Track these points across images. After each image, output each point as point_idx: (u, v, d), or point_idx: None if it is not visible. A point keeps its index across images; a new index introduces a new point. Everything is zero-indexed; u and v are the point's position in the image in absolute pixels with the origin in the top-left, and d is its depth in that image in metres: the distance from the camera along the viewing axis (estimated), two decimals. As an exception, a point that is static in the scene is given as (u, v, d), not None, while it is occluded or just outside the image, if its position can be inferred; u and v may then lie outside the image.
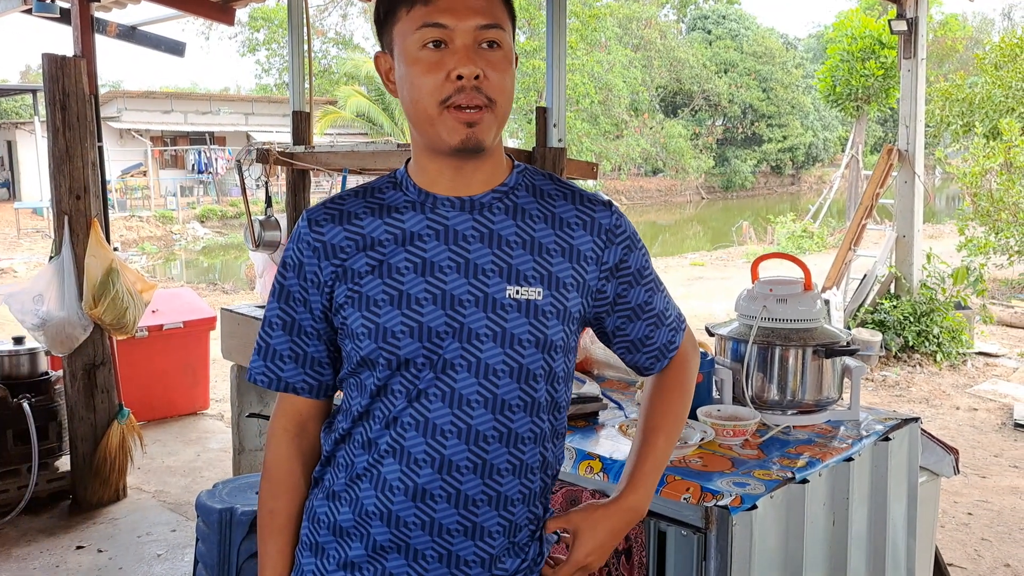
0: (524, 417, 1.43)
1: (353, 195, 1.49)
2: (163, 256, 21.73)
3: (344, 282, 1.43)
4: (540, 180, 1.51)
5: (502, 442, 1.41)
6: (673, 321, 1.62)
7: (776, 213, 21.71)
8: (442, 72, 1.34)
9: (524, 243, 1.43)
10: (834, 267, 8.36)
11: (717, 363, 2.59)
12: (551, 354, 1.43)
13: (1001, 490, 5.00)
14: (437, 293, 1.39)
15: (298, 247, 1.47)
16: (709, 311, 10.62)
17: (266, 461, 1.57)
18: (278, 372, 1.52)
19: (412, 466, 1.40)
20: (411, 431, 1.40)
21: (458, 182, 1.44)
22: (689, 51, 38.32)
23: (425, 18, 1.35)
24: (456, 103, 1.34)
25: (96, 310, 4.43)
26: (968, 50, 30.33)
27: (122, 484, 4.78)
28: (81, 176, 4.44)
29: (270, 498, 1.56)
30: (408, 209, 1.44)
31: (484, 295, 1.39)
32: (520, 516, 1.47)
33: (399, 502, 1.41)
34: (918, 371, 7.60)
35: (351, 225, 1.45)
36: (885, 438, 2.40)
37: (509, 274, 1.40)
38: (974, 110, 14.32)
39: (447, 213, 1.43)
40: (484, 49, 1.36)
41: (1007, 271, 11.99)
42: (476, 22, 1.35)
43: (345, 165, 4.53)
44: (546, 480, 1.51)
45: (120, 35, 5.27)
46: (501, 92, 1.37)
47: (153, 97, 30.63)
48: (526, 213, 1.45)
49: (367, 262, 1.42)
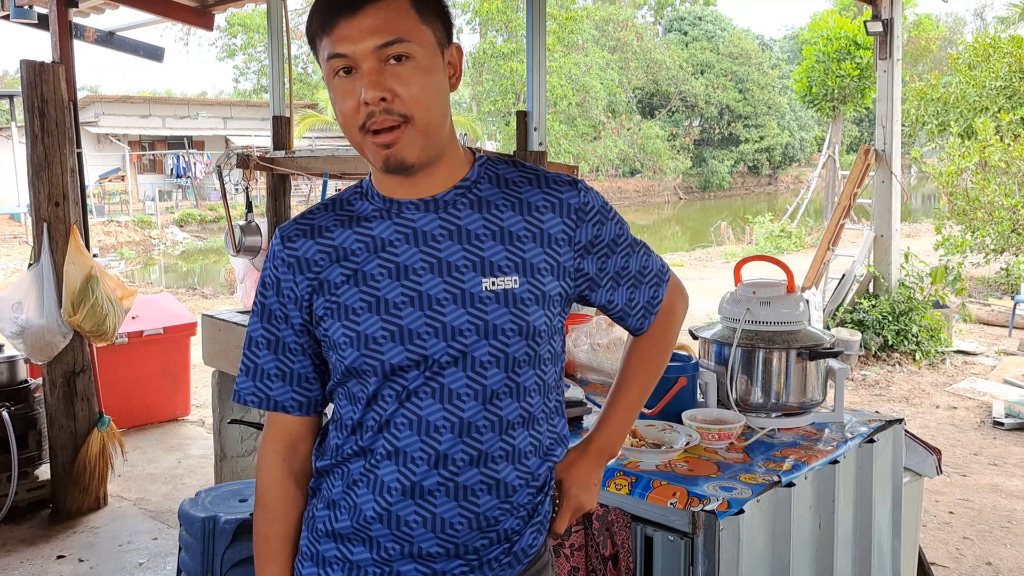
0: (512, 403, 1.44)
1: (323, 209, 1.51)
2: (142, 261, 21.59)
3: (321, 294, 1.44)
4: (504, 169, 1.51)
5: (494, 431, 1.42)
6: (654, 276, 1.64)
7: (754, 213, 21.82)
8: (353, 99, 1.35)
9: (494, 234, 1.43)
10: (813, 267, 8.41)
11: (701, 366, 2.60)
12: (535, 340, 1.44)
13: (981, 488, 5.04)
14: (414, 295, 1.40)
15: (274, 264, 1.49)
16: (690, 312, 10.60)
17: (258, 486, 1.57)
18: (267, 391, 1.52)
19: (408, 465, 1.41)
20: (405, 431, 1.41)
21: (417, 187, 1.45)
22: (666, 53, 38.47)
23: (328, 48, 1.36)
24: (370, 127, 1.35)
25: (75, 317, 4.39)
26: (942, 50, 30.62)
27: (103, 492, 4.74)
28: (60, 183, 4.40)
29: (264, 524, 1.56)
30: (376, 217, 1.45)
31: (461, 291, 1.40)
32: (522, 498, 1.48)
33: (397, 502, 1.42)
34: (897, 370, 7.65)
35: (322, 238, 1.46)
36: (870, 440, 2.42)
37: (483, 267, 1.41)
38: (949, 109, 14.43)
39: (413, 216, 1.44)
40: (392, 65, 1.35)
41: (983, 269, 12.09)
42: (373, 43, 1.33)
43: (325, 170, 4.52)
44: (547, 461, 1.52)
45: (98, 40, 5.23)
46: (417, 105, 1.35)
47: (131, 101, 30.42)
48: (491, 204, 1.45)
49: (341, 272, 1.43)
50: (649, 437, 2.32)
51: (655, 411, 2.48)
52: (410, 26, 1.36)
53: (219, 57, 38.98)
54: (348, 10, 1.34)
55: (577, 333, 3.07)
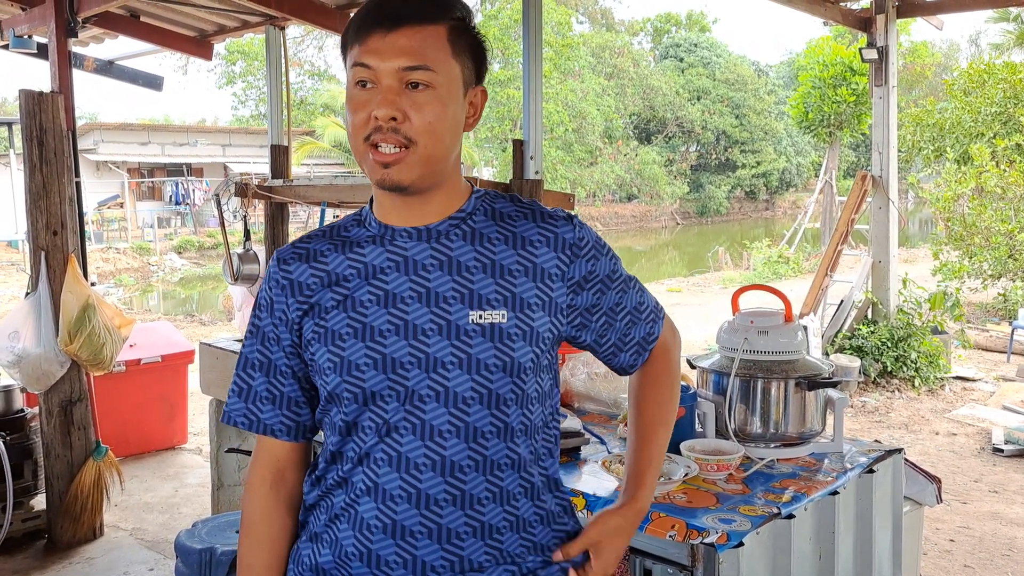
0: (499, 443, 1.41)
1: (320, 234, 1.52)
2: (140, 288, 21.56)
3: (311, 318, 1.45)
4: (500, 204, 1.50)
5: (479, 471, 1.40)
6: (650, 313, 1.62)
7: (751, 238, 21.87)
8: (366, 111, 1.36)
9: (485, 267, 1.42)
10: (811, 293, 8.41)
11: (699, 396, 2.59)
12: (520, 377, 1.41)
13: (982, 516, 5.02)
14: (400, 324, 1.39)
15: (268, 286, 1.50)
16: (688, 339, 10.64)
17: (243, 514, 1.55)
18: (257, 414, 1.52)
19: (388, 503, 1.39)
20: (384, 467, 1.39)
21: (411, 213, 1.45)
22: (662, 79, 38.65)
23: (356, 58, 1.38)
24: (374, 141, 1.36)
25: (72, 346, 4.38)
26: (937, 76, 30.76)
27: (98, 522, 4.71)
28: (58, 212, 4.40)
29: (247, 552, 1.54)
30: (369, 243, 1.46)
31: (447, 322, 1.39)
32: (511, 544, 1.44)
33: (378, 541, 1.39)
34: (897, 396, 7.64)
35: (316, 263, 1.47)
36: (869, 470, 2.41)
37: (471, 299, 1.40)
38: (945, 135, 14.51)
39: (405, 244, 1.44)
40: (410, 90, 1.36)
41: (981, 295, 12.10)
42: (399, 63, 1.35)
43: (323, 198, 4.53)
44: (539, 505, 1.48)
45: (98, 69, 5.25)
46: (424, 133, 1.36)
47: (130, 129, 30.51)
48: (485, 237, 1.45)
49: (332, 297, 1.44)
50: (648, 468, 2.31)
51: (654, 441, 2.46)
52: (440, 56, 1.37)
53: (218, 84, 39.21)
54: (386, 26, 1.35)
55: (574, 362, 3.06)
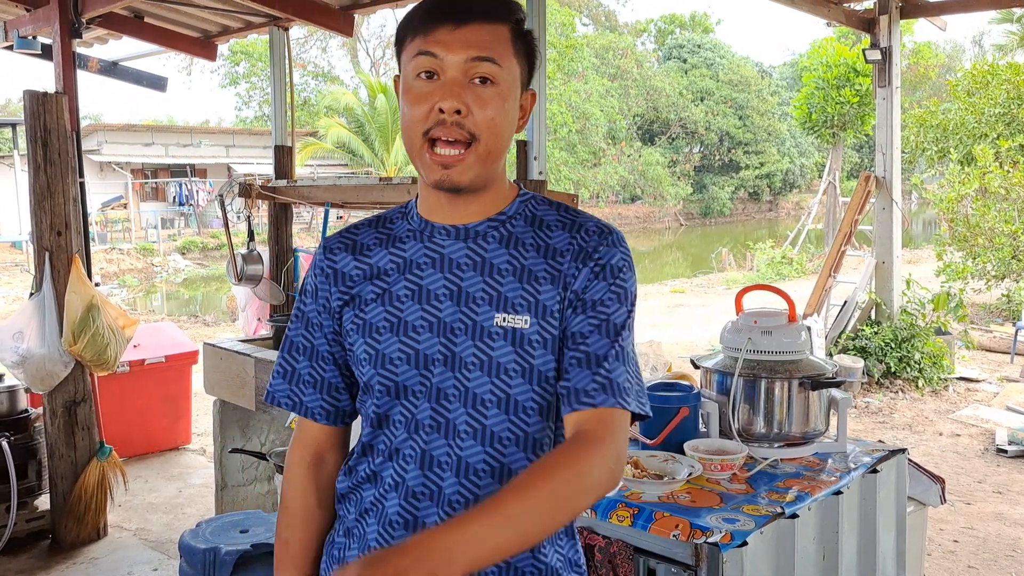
0: (517, 452, 1.40)
1: (367, 225, 1.54)
2: (144, 288, 21.58)
3: (351, 309, 1.47)
4: (543, 210, 1.47)
5: (494, 477, 1.39)
6: (610, 382, 1.35)
7: (755, 239, 21.83)
8: (428, 104, 1.35)
9: (515, 270, 1.41)
10: (814, 294, 8.40)
11: (703, 396, 2.59)
12: (542, 386, 1.39)
13: (986, 516, 5.01)
14: (433, 321, 1.40)
15: (314, 273, 1.53)
16: (691, 339, 10.64)
17: (282, 492, 1.60)
18: (300, 396, 1.55)
19: (411, 499, 1.40)
20: (411, 463, 1.41)
21: (454, 211, 1.44)
22: (665, 80, 38.64)
23: (420, 47, 1.36)
24: (435, 135, 1.34)
25: (76, 347, 4.38)
26: (941, 77, 30.76)
27: (102, 522, 4.72)
28: (62, 212, 4.41)
29: (284, 528, 1.57)
30: (410, 239, 1.47)
31: (473, 323, 1.39)
32: (521, 559, 1.42)
33: (399, 537, 1.40)
34: (900, 397, 7.63)
35: (361, 256, 1.49)
36: (873, 470, 2.41)
37: (498, 302, 1.39)
38: (948, 136, 14.49)
39: (443, 242, 1.44)
40: (475, 84, 1.35)
41: (985, 296, 12.09)
42: (467, 54, 1.34)
43: (327, 199, 4.53)
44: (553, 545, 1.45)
45: (102, 70, 5.26)
46: (487, 129, 1.35)
47: (134, 130, 30.54)
48: (520, 242, 1.43)
49: (372, 290, 1.45)
50: (651, 468, 2.31)
51: (657, 442, 2.47)
52: (504, 52, 1.37)
53: (222, 84, 39.21)
54: (455, 19, 1.34)
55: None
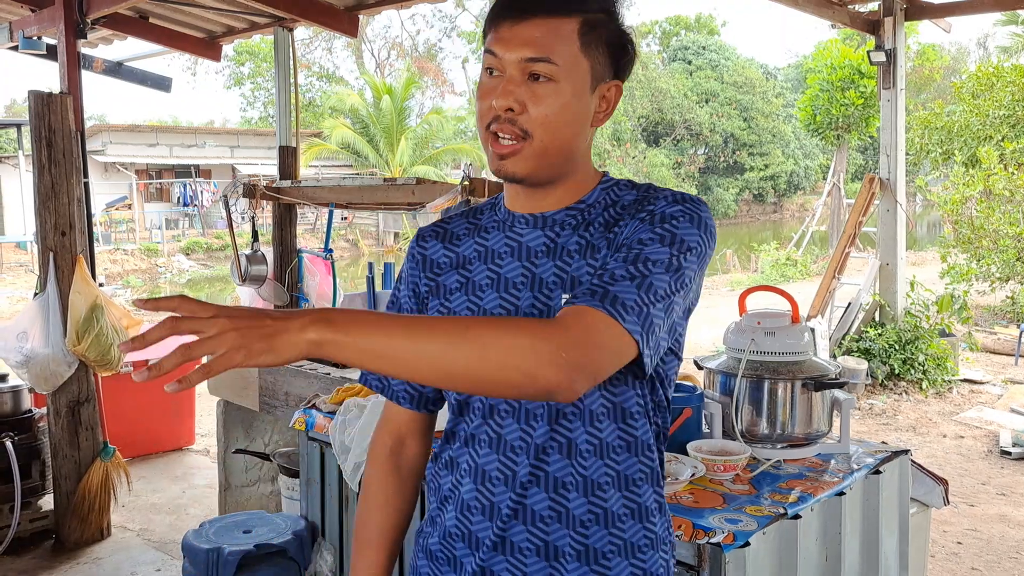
0: (580, 427, 1.39)
1: (460, 216, 1.57)
2: (148, 289, 21.61)
3: (436, 297, 1.49)
4: (624, 191, 1.46)
5: (562, 453, 1.38)
6: (606, 292, 1.24)
7: (759, 241, 21.83)
8: (488, 100, 1.37)
9: (581, 250, 1.40)
10: (818, 295, 8.40)
11: (706, 397, 2.59)
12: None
13: (989, 518, 5.00)
14: (511, 308, 1.41)
15: (408, 260, 1.57)
16: (695, 340, 10.62)
17: (364, 476, 1.64)
18: (388, 380, 1.57)
19: (487, 484, 1.42)
20: (486, 448, 1.43)
21: (532, 201, 1.45)
22: (670, 81, 38.61)
23: (487, 44, 1.39)
24: (493, 130, 1.37)
25: (80, 347, 4.39)
26: (946, 79, 30.73)
27: (106, 523, 4.72)
28: (67, 212, 4.42)
29: (363, 511, 1.62)
30: (494, 229, 1.49)
31: (547, 307, 1.39)
32: (596, 538, 1.39)
33: (477, 522, 1.43)
34: (904, 399, 7.62)
35: (450, 244, 1.53)
36: (876, 471, 2.41)
37: (568, 284, 1.39)
38: (953, 138, 14.49)
39: (522, 231, 1.45)
40: (532, 82, 1.35)
41: (989, 298, 12.08)
42: (522, 54, 1.34)
43: (331, 199, 4.54)
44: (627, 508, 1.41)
45: (106, 71, 5.27)
46: (540, 126, 1.34)
47: (138, 130, 30.57)
48: (591, 224, 1.42)
49: (457, 280, 1.48)
50: (654, 468, 2.31)
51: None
52: (565, 50, 1.34)
53: (226, 85, 39.22)
54: (515, 15, 1.35)
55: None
